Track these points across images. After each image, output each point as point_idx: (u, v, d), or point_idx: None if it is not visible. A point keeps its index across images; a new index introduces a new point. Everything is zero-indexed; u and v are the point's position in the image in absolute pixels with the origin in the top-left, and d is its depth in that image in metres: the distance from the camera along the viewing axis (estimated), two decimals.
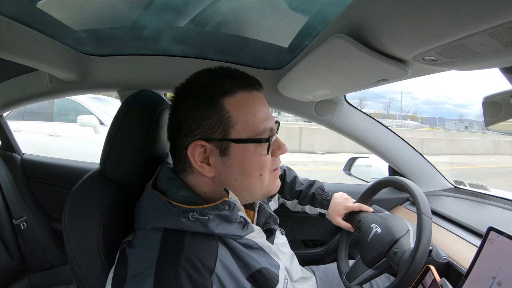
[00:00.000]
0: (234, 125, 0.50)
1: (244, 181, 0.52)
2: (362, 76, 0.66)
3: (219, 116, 0.50)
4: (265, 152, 0.52)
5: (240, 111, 0.51)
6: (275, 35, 0.87)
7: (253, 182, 0.53)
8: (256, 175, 0.53)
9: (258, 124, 0.52)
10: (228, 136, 0.50)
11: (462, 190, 1.17)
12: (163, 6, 0.76)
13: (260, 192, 0.56)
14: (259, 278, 0.51)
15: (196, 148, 0.50)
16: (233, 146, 0.51)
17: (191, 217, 0.47)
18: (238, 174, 0.52)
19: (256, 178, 0.53)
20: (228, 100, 0.50)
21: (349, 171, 1.41)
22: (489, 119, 0.68)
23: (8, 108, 1.33)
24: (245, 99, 0.52)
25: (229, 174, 0.52)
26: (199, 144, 0.50)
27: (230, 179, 0.52)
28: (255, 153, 0.52)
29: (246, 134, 0.51)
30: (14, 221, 1.35)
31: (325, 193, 0.95)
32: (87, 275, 0.58)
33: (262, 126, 0.52)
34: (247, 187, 0.53)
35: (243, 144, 0.51)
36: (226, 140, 0.50)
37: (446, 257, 0.72)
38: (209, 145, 0.50)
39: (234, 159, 0.51)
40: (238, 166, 0.51)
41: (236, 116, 0.50)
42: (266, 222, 0.64)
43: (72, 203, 0.59)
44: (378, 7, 0.43)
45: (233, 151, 0.51)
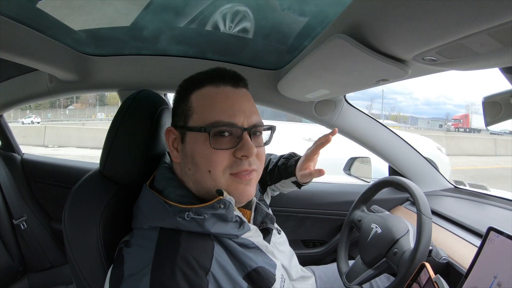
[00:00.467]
0: (192, 114, 0.54)
1: (195, 172, 0.53)
2: (362, 76, 0.66)
3: (184, 106, 0.55)
4: (216, 146, 0.50)
5: (199, 102, 0.54)
6: (275, 35, 0.87)
7: (203, 177, 0.52)
8: (204, 170, 0.51)
9: (211, 115, 0.51)
10: (186, 125, 0.54)
11: (462, 190, 1.17)
12: (163, 6, 0.76)
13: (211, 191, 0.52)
14: (256, 277, 0.51)
15: (169, 134, 0.57)
16: (188, 134, 0.53)
17: (187, 217, 0.48)
18: (190, 163, 0.53)
19: (205, 173, 0.51)
20: (195, 93, 0.55)
21: (349, 171, 1.41)
22: (489, 119, 0.68)
23: (8, 108, 1.33)
24: (209, 92, 0.54)
25: (185, 162, 0.54)
26: (170, 130, 0.57)
27: (186, 167, 0.54)
28: (203, 145, 0.51)
29: (198, 124, 0.52)
30: (14, 221, 1.35)
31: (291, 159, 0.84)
32: (87, 275, 0.58)
33: (215, 117, 0.51)
34: (199, 180, 0.53)
35: (194, 132, 0.52)
36: (184, 128, 0.54)
37: (446, 257, 0.72)
38: (174, 131, 0.56)
39: (187, 147, 0.54)
40: (189, 155, 0.53)
41: (195, 106, 0.54)
42: (263, 221, 0.64)
43: (72, 203, 0.59)
44: (378, 7, 0.43)
45: (187, 139, 0.54)
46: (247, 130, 0.52)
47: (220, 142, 0.51)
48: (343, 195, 1.23)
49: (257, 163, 0.55)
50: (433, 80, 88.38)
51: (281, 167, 0.84)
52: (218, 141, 0.51)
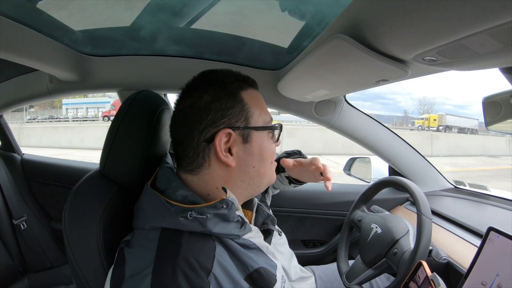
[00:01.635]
0: (252, 115, 0.56)
1: (260, 167, 0.57)
2: (362, 76, 0.66)
3: (241, 106, 0.55)
4: (273, 140, 0.60)
5: (254, 104, 0.57)
6: (275, 35, 0.87)
7: (266, 169, 0.58)
8: (269, 162, 0.59)
9: (267, 115, 0.59)
10: (249, 125, 0.55)
11: (462, 190, 1.17)
12: (162, 7, 0.76)
13: (267, 181, 0.60)
14: (257, 278, 0.51)
15: (222, 137, 0.52)
16: (254, 133, 0.56)
17: (189, 216, 0.47)
18: (257, 160, 0.56)
19: (269, 165, 0.59)
20: (245, 94, 0.56)
21: (349, 171, 1.41)
22: (489, 119, 0.68)
23: (8, 108, 1.33)
24: (255, 94, 0.59)
25: (249, 161, 0.55)
26: (226, 133, 0.52)
27: (249, 166, 0.56)
28: (269, 141, 0.58)
29: (261, 123, 0.57)
30: (14, 221, 1.35)
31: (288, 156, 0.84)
32: (87, 275, 0.58)
33: (268, 118, 0.59)
34: (261, 173, 0.58)
35: (261, 131, 0.56)
36: (248, 128, 0.55)
37: (446, 257, 0.72)
38: (234, 133, 0.53)
39: (254, 146, 0.56)
40: (257, 152, 0.56)
41: (252, 107, 0.56)
42: (264, 222, 0.64)
43: (72, 203, 0.59)
44: (378, 7, 0.43)
45: (254, 139, 0.55)
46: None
47: (274, 136, 0.60)
48: (343, 195, 1.24)
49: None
50: (432, 80, 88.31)
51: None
52: (273, 136, 0.60)
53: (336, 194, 1.24)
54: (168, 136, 0.68)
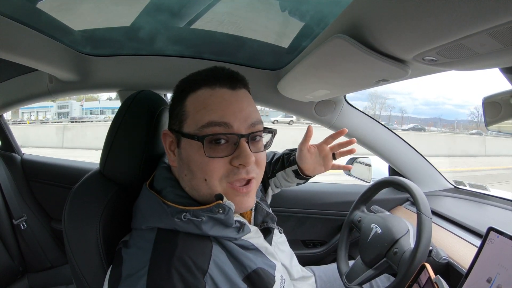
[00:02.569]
0: (186, 118, 0.51)
1: (191, 179, 0.51)
2: (362, 76, 0.66)
3: (179, 109, 0.52)
4: (210, 154, 0.48)
5: (193, 106, 0.50)
6: (275, 35, 0.87)
7: (199, 185, 0.50)
8: (200, 178, 0.49)
9: (203, 117, 0.49)
10: (181, 129, 0.51)
11: (462, 190, 1.17)
12: (162, 7, 0.76)
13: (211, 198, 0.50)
14: (255, 279, 0.51)
15: (165, 137, 0.55)
16: (183, 139, 0.51)
17: (184, 218, 0.47)
18: (187, 170, 0.51)
19: (201, 181, 0.49)
20: (191, 96, 0.52)
21: (349, 171, 1.41)
22: (489, 119, 0.68)
23: (8, 108, 1.33)
24: (203, 95, 0.50)
25: (181, 167, 0.52)
26: (166, 133, 0.55)
27: (182, 173, 0.52)
28: (197, 153, 0.48)
29: (192, 128, 0.49)
30: (14, 221, 1.35)
31: (292, 152, 0.84)
32: (87, 275, 0.58)
33: (207, 119, 0.48)
34: (194, 187, 0.51)
35: (188, 139, 0.49)
36: (179, 132, 0.52)
37: (446, 257, 0.72)
38: (170, 134, 0.54)
39: (183, 153, 0.51)
40: (185, 161, 0.51)
41: (189, 110, 0.51)
42: (264, 221, 0.64)
43: (72, 203, 0.59)
44: (378, 7, 0.43)
45: (183, 145, 0.51)
46: (244, 136, 0.49)
47: (216, 150, 0.48)
48: (343, 195, 1.24)
49: (256, 171, 0.52)
50: (433, 80, 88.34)
51: (285, 156, 0.83)
52: (213, 149, 0.48)
53: (336, 194, 1.24)
54: None
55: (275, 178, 0.86)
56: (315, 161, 0.78)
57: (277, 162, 0.85)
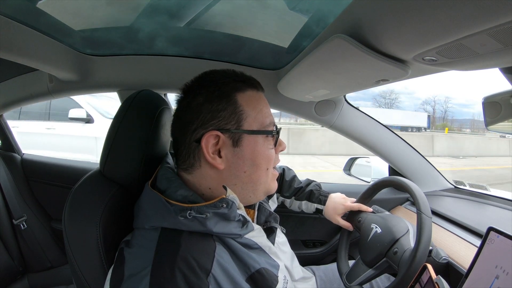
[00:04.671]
0: (246, 117, 0.54)
1: (253, 173, 0.55)
2: (362, 76, 0.66)
3: (233, 109, 0.53)
4: (272, 146, 0.57)
5: (250, 106, 0.55)
6: (275, 35, 0.87)
7: (260, 175, 0.56)
8: (264, 168, 0.56)
9: (265, 119, 0.56)
10: (241, 128, 0.53)
11: (462, 190, 1.17)
12: (162, 7, 0.76)
13: (263, 188, 0.58)
14: (259, 279, 0.51)
15: (210, 139, 0.52)
16: (245, 137, 0.54)
17: (189, 216, 0.47)
18: (249, 165, 0.54)
19: (264, 171, 0.56)
20: (240, 96, 0.55)
21: (349, 171, 1.41)
22: (489, 119, 0.68)
23: (8, 108, 1.33)
24: (254, 96, 0.57)
25: (239, 166, 0.54)
26: (213, 135, 0.52)
27: (240, 171, 0.54)
28: (264, 146, 0.55)
29: (256, 127, 0.55)
30: (14, 221, 1.35)
31: (322, 190, 0.96)
32: (87, 275, 0.58)
33: (268, 121, 0.56)
34: (254, 180, 0.56)
35: (254, 135, 0.54)
36: (239, 131, 0.53)
37: (446, 257, 0.72)
38: (223, 136, 0.53)
39: (245, 150, 0.54)
40: (249, 157, 0.54)
41: (247, 110, 0.54)
42: (267, 220, 0.64)
43: (72, 203, 0.59)
44: (378, 7, 0.43)
45: (245, 142, 0.54)
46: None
47: (271, 141, 0.57)
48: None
49: None
50: (435, 79, 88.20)
51: (315, 191, 0.95)
52: (271, 141, 0.57)
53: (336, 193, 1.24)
54: (168, 136, 0.69)
55: (289, 200, 0.97)
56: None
57: (300, 191, 0.96)
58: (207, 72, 0.58)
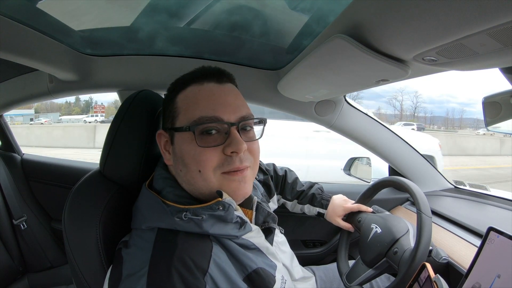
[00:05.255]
0: (178, 115, 0.53)
1: (186, 173, 0.52)
2: (362, 76, 0.66)
3: (171, 108, 0.55)
4: (204, 144, 0.49)
5: (184, 102, 0.53)
6: (275, 35, 0.87)
7: (194, 177, 0.51)
8: (194, 170, 0.50)
9: (195, 112, 0.51)
10: (174, 125, 0.53)
11: (462, 190, 1.17)
12: (162, 7, 0.76)
13: (207, 192, 0.51)
14: (256, 279, 0.51)
15: (160, 137, 0.57)
16: (176, 135, 0.53)
17: (184, 217, 0.47)
18: (181, 165, 0.52)
19: (195, 173, 0.50)
20: (180, 94, 0.54)
21: (349, 171, 1.41)
22: (489, 119, 0.68)
23: (8, 108, 1.33)
24: (192, 91, 0.53)
25: (176, 164, 0.54)
26: (161, 133, 0.56)
27: (177, 169, 0.54)
28: (190, 144, 0.50)
29: (184, 123, 0.51)
30: (14, 221, 1.35)
31: (324, 193, 0.96)
32: (87, 275, 0.58)
33: (198, 114, 0.50)
34: (190, 181, 0.52)
35: (180, 133, 0.52)
36: (171, 129, 0.54)
37: (446, 257, 0.72)
38: (164, 133, 0.56)
39: (176, 149, 0.53)
40: (179, 156, 0.53)
41: (180, 107, 0.53)
42: (265, 221, 0.64)
43: (72, 203, 0.59)
44: (378, 7, 0.43)
45: (176, 140, 0.53)
46: (234, 125, 0.50)
47: (207, 140, 0.50)
48: (343, 195, 1.23)
49: (250, 159, 0.54)
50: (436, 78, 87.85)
51: (317, 196, 0.95)
52: (204, 139, 0.50)
53: (336, 194, 1.24)
54: None
55: (291, 202, 0.97)
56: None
57: (302, 194, 0.96)
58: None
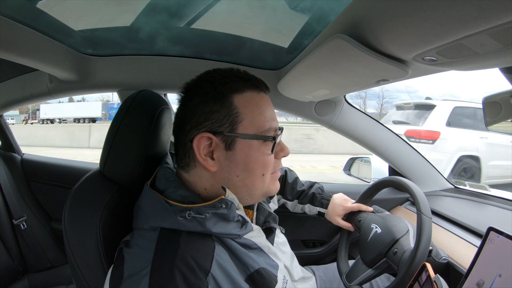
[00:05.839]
0: (241, 120, 0.52)
1: (246, 178, 0.53)
2: (362, 76, 0.66)
3: (227, 111, 0.51)
4: (269, 152, 0.54)
5: (248, 109, 0.52)
6: (275, 35, 0.87)
7: (254, 181, 0.54)
8: (258, 174, 0.54)
9: (264, 123, 0.53)
10: (235, 131, 0.51)
11: (462, 190, 1.17)
12: (162, 7, 0.76)
13: (260, 192, 0.56)
14: (258, 279, 0.51)
15: (202, 140, 0.51)
16: (239, 141, 0.52)
17: (188, 216, 0.47)
18: (241, 170, 0.52)
19: (258, 177, 0.54)
20: (237, 97, 0.52)
21: (349, 171, 1.42)
22: (489, 119, 0.68)
23: (8, 108, 1.33)
24: (253, 98, 0.54)
25: (232, 169, 0.52)
26: (206, 136, 0.51)
27: (233, 174, 0.53)
28: (259, 151, 0.53)
29: (252, 131, 0.52)
30: (14, 221, 1.35)
31: (324, 193, 0.96)
32: (87, 275, 0.58)
33: (267, 125, 0.54)
34: (248, 184, 0.54)
35: (248, 140, 0.52)
36: (233, 134, 0.51)
37: (446, 257, 0.72)
38: (215, 138, 0.51)
39: (238, 154, 0.52)
40: (242, 162, 0.52)
41: (243, 112, 0.52)
42: (266, 221, 0.64)
43: (72, 203, 0.59)
44: (378, 7, 0.43)
45: (239, 146, 0.52)
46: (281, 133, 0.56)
47: (269, 147, 0.54)
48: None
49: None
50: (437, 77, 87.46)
51: (317, 195, 0.95)
52: (269, 146, 0.54)
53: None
54: (168, 136, 0.69)
55: (292, 202, 0.98)
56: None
57: (303, 194, 0.96)
58: (208, 71, 0.57)
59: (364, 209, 0.90)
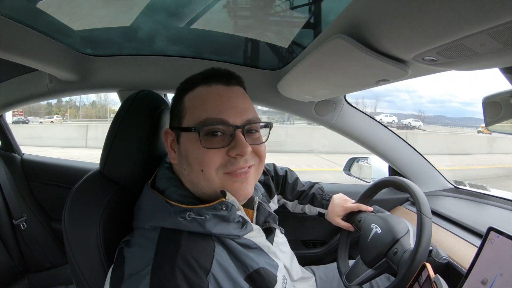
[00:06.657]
0: (185, 115, 0.54)
1: (190, 173, 0.52)
2: (362, 76, 0.66)
3: (179, 106, 0.55)
4: (209, 145, 0.50)
5: (191, 102, 0.54)
6: (275, 35, 0.88)
7: (197, 177, 0.51)
8: (197, 170, 0.51)
9: (201, 114, 0.51)
10: (180, 125, 0.54)
11: (462, 190, 1.17)
12: (162, 8, 0.76)
13: (210, 191, 0.52)
14: (257, 279, 0.51)
15: (167, 135, 0.57)
16: (182, 134, 0.53)
17: (188, 217, 0.48)
18: (185, 164, 0.53)
19: (198, 173, 0.51)
20: (188, 94, 0.55)
21: (349, 171, 1.41)
22: (489, 119, 0.68)
23: (8, 108, 1.33)
24: (200, 92, 0.54)
25: (181, 163, 0.54)
26: (168, 131, 0.57)
27: (182, 168, 0.54)
28: (195, 145, 0.51)
29: (191, 123, 0.52)
30: (14, 221, 1.35)
31: (324, 193, 0.96)
32: (87, 275, 0.58)
33: (203, 116, 0.51)
34: (193, 180, 0.52)
35: (186, 133, 0.52)
36: (178, 129, 0.54)
37: (446, 257, 0.72)
38: (171, 132, 0.56)
39: (182, 148, 0.54)
40: (184, 155, 0.53)
41: (188, 107, 0.54)
42: (266, 221, 0.64)
43: (72, 203, 0.59)
44: (378, 7, 0.43)
45: (182, 140, 0.54)
46: (239, 128, 0.51)
47: (212, 141, 0.50)
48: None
49: (255, 159, 0.55)
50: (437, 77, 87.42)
51: (317, 196, 0.95)
52: (209, 141, 0.50)
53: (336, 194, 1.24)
54: None
55: (292, 203, 0.98)
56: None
57: (303, 195, 0.96)
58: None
59: (364, 209, 0.90)
